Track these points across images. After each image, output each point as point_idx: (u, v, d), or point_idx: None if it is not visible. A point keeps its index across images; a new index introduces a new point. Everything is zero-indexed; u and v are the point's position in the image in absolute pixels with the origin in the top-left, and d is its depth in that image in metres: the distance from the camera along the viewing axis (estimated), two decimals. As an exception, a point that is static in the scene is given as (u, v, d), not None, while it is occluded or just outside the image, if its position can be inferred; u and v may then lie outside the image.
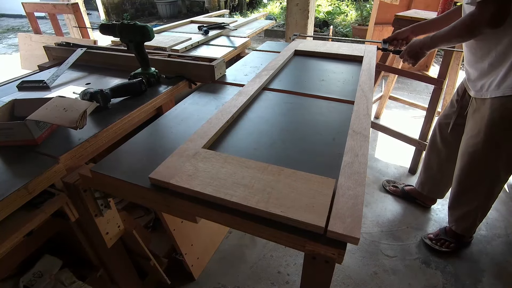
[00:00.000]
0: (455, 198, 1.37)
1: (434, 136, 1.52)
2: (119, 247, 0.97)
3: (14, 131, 0.75)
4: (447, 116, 1.42)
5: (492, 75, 1.06)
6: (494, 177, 1.21)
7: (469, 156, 1.22)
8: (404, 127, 2.47)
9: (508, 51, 0.99)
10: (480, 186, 1.26)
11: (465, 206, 1.35)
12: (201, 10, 7.58)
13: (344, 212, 0.53)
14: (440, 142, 1.49)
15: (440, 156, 1.50)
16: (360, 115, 0.87)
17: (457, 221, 1.42)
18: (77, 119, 0.74)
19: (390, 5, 2.98)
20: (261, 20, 2.45)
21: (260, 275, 1.36)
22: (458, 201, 1.36)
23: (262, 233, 0.56)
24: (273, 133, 0.82)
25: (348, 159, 0.68)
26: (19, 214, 0.68)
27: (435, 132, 1.51)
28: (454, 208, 1.40)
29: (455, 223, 1.43)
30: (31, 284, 0.86)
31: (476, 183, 1.26)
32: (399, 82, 3.35)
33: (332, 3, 6.40)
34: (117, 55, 1.29)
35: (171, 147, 0.74)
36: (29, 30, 5.81)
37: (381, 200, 1.78)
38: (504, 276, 1.37)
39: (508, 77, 1.01)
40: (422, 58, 1.24)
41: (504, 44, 0.99)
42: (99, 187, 0.75)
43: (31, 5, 2.43)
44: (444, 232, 1.48)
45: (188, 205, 0.60)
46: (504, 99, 1.04)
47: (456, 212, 1.40)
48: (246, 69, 1.29)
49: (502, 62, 1.02)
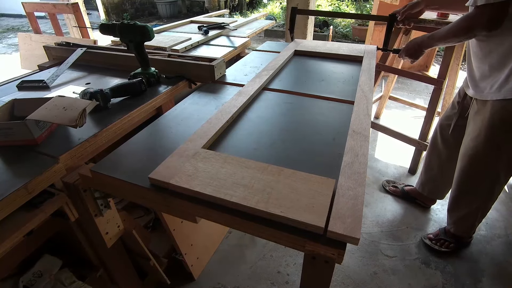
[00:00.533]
0: (455, 200, 1.37)
1: (435, 137, 1.52)
2: (119, 247, 0.97)
3: (14, 131, 0.75)
4: (448, 117, 1.42)
5: (494, 77, 1.06)
6: (494, 179, 1.21)
7: (469, 158, 1.22)
8: (404, 127, 2.47)
9: (510, 53, 0.99)
10: (480, 187, 1.26)
11: (464, 208, 1.35)
12: (201, 10, 7.59)
13: (344, 212, 0.53)
14: (441, 143, 1.49)
15: (441, 157, 1.50)
16: (360, 115, 0.87)
17: (456, 223, 1.42)
18: (77, 117, 0.74)
19: (390, 5, 2.98)
20: (261, 20, 2.44)
21: (260, 275, 1.36)
22: (458, 203, 1.36)
23: (262, 233, 0.55)
24: (273, 133, 0.82)
25: (348, 159, 0.68)
26: (19, 214, 0.68)
27: (436, 133, 1.51)
28: (453, 210, 1.40)
29: (454, 225, 1.43)
30: (31, 284, 0.86)
31: (476, 184, 1.26)
32: (399, 82, 3.35)
33: (332, 3, 6.40)
34: (117, 55, 1.29)
35: (171, 147, 0.74)
36: (29, 30, 5.80)
37: (381, 200, 1.78)
38: (504, 276, 1.37)
39: (510, 80, 1.01)
40: (420, 56, 1.25)
41: (505, 46, 0.99)
42: (99, 187, 0.75)
43: (31, 5, 2.43)
44: (443, 232, 1.48)
45: (188, 205, 0.60)
46: (505, 102, 1.04)
47: (455, 214, 1.40)
48: (246, 69, 1.29)
49: (504, 65, 1.01)
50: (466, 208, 1.34)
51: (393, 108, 2.84)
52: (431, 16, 1.78)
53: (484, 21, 0.92)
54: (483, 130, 1.13)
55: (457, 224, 1.41)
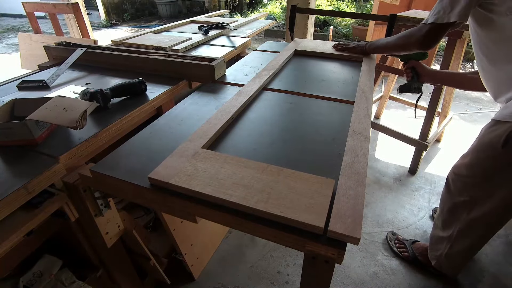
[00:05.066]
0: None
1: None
2: (119, 247, 0.97)
3: (14, 131, 0.75)
4: None
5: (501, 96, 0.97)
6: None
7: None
8: (404, 127, 2.47)
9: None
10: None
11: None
12: (201, 10, 7.58)
13: (345, 212, 0.53)
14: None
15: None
16: (360, 116, 0.87)
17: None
18: (77, 119, 0.74)
19: (390, 5, 2.98)
20: (261, 20, 2.44)
21: (260, 275, 1.36)
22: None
23: (262, 233, 0.55)
24: (273, 133, 0.82)
25: (348, 159, 0.68)
26: (18, 214, 0.68)
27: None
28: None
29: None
30: (31, 284, 0.85)
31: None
32: (399, 82, 3.35)
33: (332, 3, 6.40)
34: (117, 55, 1.29)
35: (170, 147, 0.74)
36: (29, 30, 5.81)
37: (381, 200, 1.78)
38: (504, 277, 1.37)
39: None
40: (353, 53, 1.37)
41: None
42: (99, 187, 0.75)
43: (31, 4, 2.43)
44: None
45: (188, 205, 0.60)
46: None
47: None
48: (246, 69, 1.29)
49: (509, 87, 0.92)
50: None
51: (393, 108, 2.84)
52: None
53: (419, 36, 0.98)
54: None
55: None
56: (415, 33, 1.01)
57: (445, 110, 2.21)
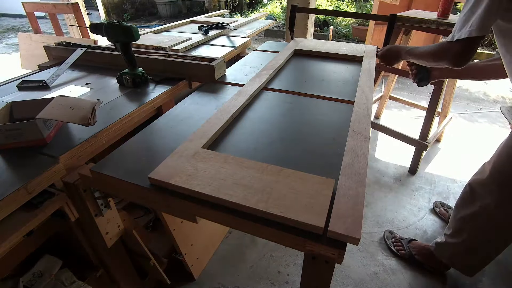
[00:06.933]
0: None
1: None
2: (119, 247, 0.97)
3: (23, 131, 0.74)
4: None
5: None
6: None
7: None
8: (404, 127, 2.47)
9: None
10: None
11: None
12: (201, 10, 7.59)
13: (345, 212, 0.53)
14: None
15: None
16: (360, 115, 0.87)
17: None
18: (89, 116, 0.73)
19: (390, 5, 2.98)
20: (261, 20, 2.44)
21: (260, 275, 1.36)
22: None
23: (262, 233, 0.55)
24: (273, 133, 0.82)
25: (348, 159, 0.68)
26: (19, 214, 0.68)
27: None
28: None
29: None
30: (31, 284, 0.85)
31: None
32: (399, 82, 3.35)
33: (332, 3, 6.40)
34: (117, 55, 1.28)
35: (171, 147, 0.74)
36: (29, 30, 5.80)
37: (381, 200, 1.78)
38: (504, 276, 1.37)
39: None
40: (394, 64, 1.28)
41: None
42: (99, 187, 0.75)
43: (31, 4, 2.43)
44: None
45: (188, 205, 0.60)
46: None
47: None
48: (246, 69, 1.29)
49: None
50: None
51: (393, 108, 2.84)
52: (431, 16, 1.78)
53: (451, 55, 0.93)
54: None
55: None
56: (448, 49, 0.95)
57: (445, 110, 2.21)
